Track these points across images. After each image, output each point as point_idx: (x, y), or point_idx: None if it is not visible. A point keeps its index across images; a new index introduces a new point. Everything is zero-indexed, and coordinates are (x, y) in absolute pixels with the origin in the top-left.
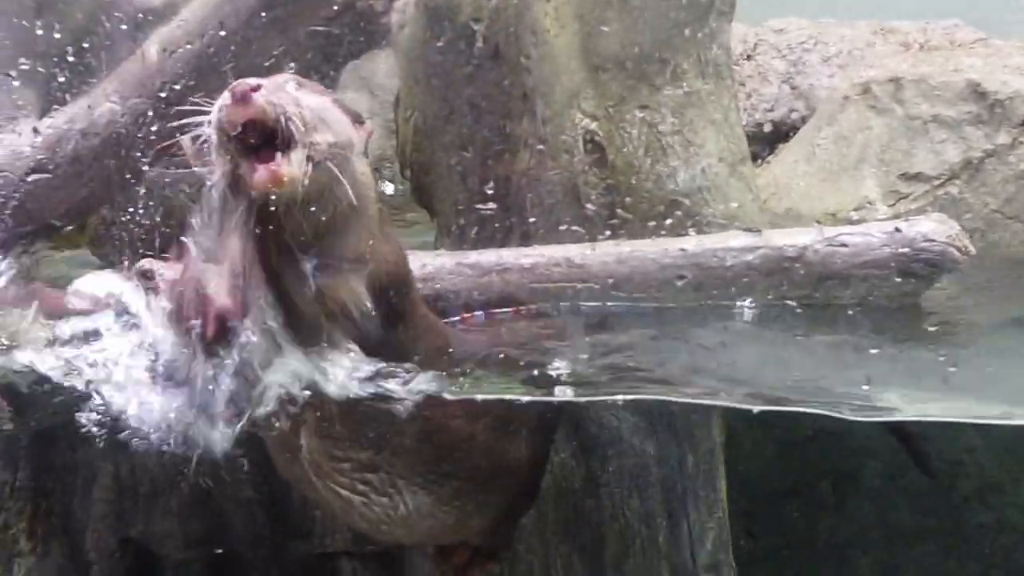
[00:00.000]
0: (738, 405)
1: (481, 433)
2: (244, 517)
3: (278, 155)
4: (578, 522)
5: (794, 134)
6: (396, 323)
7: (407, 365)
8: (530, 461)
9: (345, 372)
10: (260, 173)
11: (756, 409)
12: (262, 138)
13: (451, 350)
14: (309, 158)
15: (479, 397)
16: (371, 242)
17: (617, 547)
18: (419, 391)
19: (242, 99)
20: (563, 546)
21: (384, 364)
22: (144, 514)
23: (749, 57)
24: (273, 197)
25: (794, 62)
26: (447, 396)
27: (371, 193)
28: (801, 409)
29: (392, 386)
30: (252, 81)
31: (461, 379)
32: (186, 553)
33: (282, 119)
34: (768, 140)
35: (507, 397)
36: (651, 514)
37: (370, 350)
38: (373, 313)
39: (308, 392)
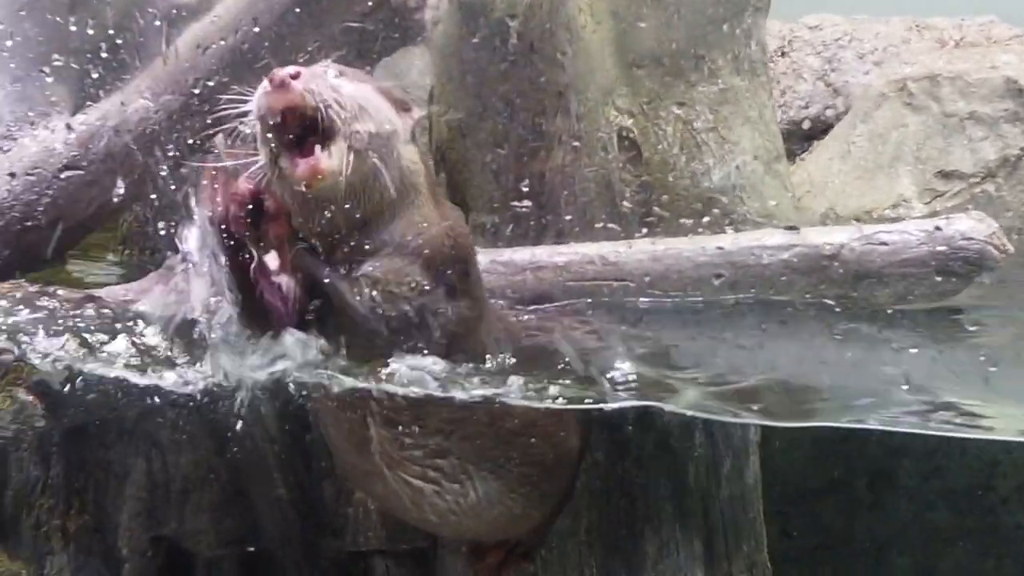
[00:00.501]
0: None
1: (542, 419)
2: (276, 515)
3: (318, 148)
4: (612, 522)
5: (829, 131)
6: (460, 299)
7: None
8: (579, 451)
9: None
10: (301, 168)
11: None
12: (302, 128)
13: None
14: (350, 148)
15: (538, 405)
16: (424, 225)
17: (652, 548)
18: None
19: (280, 86)
20: (597, 547)
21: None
22: (176, 512)
23: (784, 54)
24: (315, 189)
25: (829, 59)
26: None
27: (419, 179)
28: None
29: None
30: (291, 69)
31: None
32: (218, 551)
33: (321, 107)
34: (802, 137)
35: (568, 407)
36: (686, 514)
37: (430, 335)
38: (429, 291)
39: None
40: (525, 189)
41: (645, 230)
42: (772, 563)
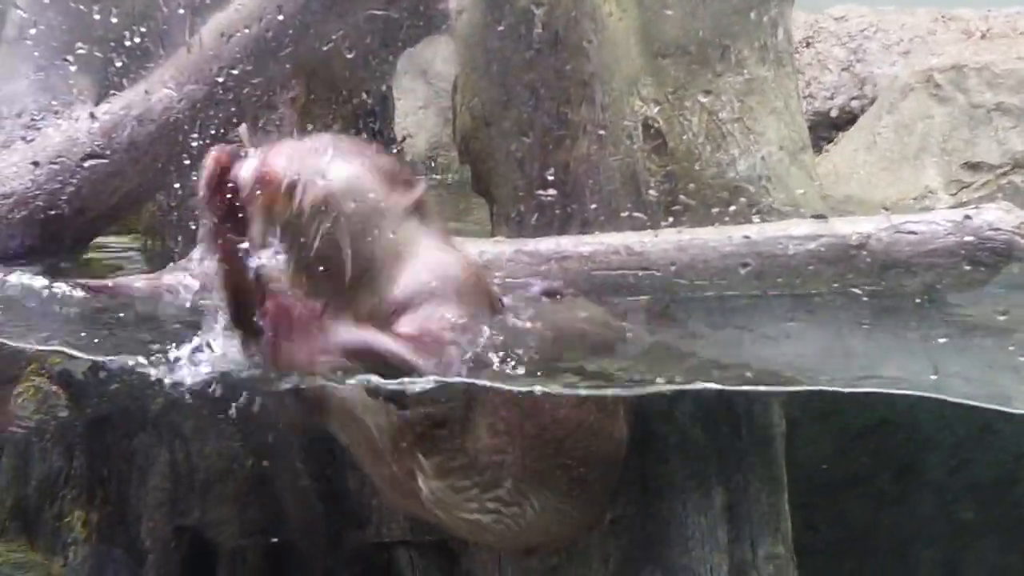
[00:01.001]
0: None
1: (588, 417)
2: (300, 506)
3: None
4: (636, 514)
5: (854, 122)
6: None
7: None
8: (625, 441)
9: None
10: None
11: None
12: None
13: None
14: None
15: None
16: (431, 274)
17: (676, 540)
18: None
19: (261, 164)
20: (621, 539)
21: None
22: (200, 502)
23: (808, 44)
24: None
25: (854, 50)
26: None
27: (419, 240)
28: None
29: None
30: (273, 163)
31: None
32: (242, 542)
33: (298, 196)
34: (827, 128)
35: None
36: (710, 506)
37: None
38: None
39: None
40: (551, 178)
41: (672, 220)
42: (795, 555)
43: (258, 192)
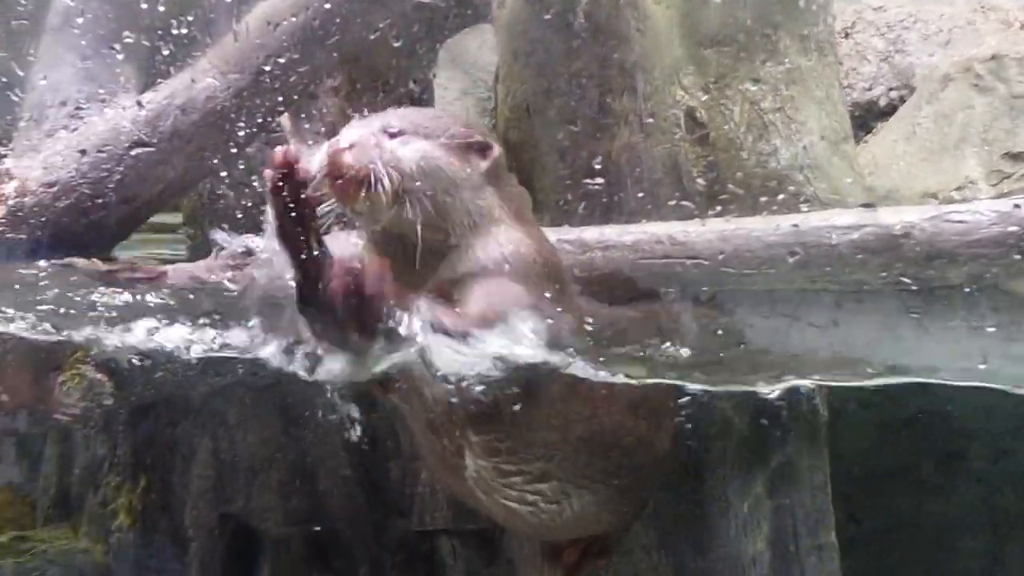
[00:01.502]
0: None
1: (638, 426)
2: (343, 495)
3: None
4: (680, 505)
5: (893, 113)
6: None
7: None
8: (668, 451)
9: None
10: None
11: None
12: None
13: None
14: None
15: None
16: (509, 247)
17: (720, 530)
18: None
19: (332, 159)
20: (663, 528)
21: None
22: (243, 490)
23: (847, 35)
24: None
25: (893, 40)
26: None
27: (495, 214)
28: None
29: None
30: (348, 138)
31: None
32: (285, 530)
33: (372, 176)
34: (866, 119)
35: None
36: (754, 496)
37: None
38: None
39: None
40: (598, 167)
41: (720, 209)
42: (838, 546)
43: (329, 184)
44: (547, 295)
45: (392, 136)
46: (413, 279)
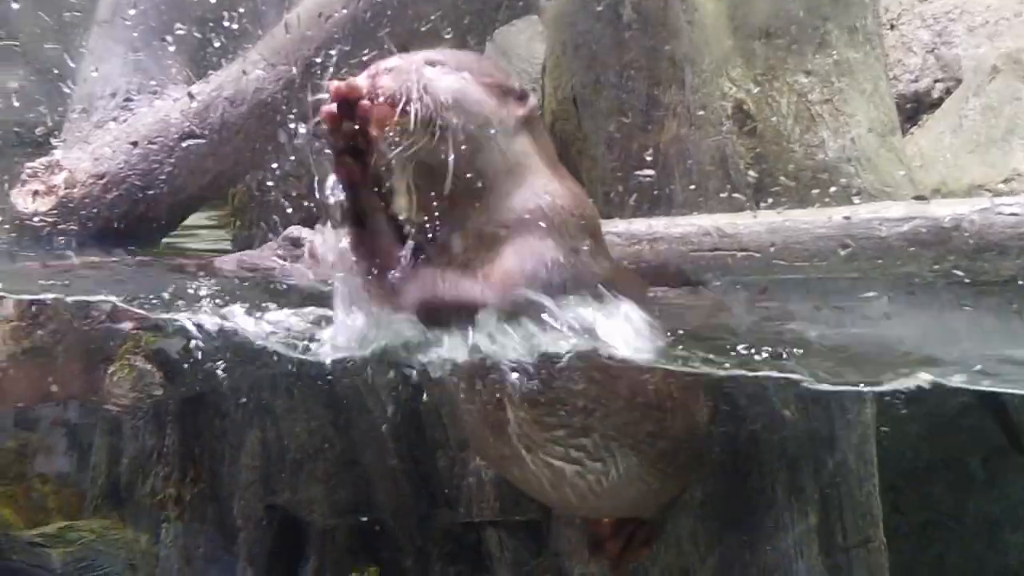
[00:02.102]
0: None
1: (676, 392)
2: (389, 486)
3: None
4: (726, 496)
5: (939, 105)
6: (597, 260)
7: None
8: (707, 424)
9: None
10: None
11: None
12: None
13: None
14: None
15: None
16: (547, 198)
17: (766, 522)
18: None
19: (374, 77)
20: (710, 521)
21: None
22: (290, 481)
23: (893, 27)
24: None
25: (939, 32)
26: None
27: (531, 160)
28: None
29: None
30: (388, 62)
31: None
32: (331, 521)
33: (405, 96)
34: (912, 111)
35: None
36: (801, 489)
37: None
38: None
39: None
40: (649, 158)
41: (772, 201)
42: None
43: (370, 107)
44: (583, 248)
45: (433, 68)
46: (446, 221)
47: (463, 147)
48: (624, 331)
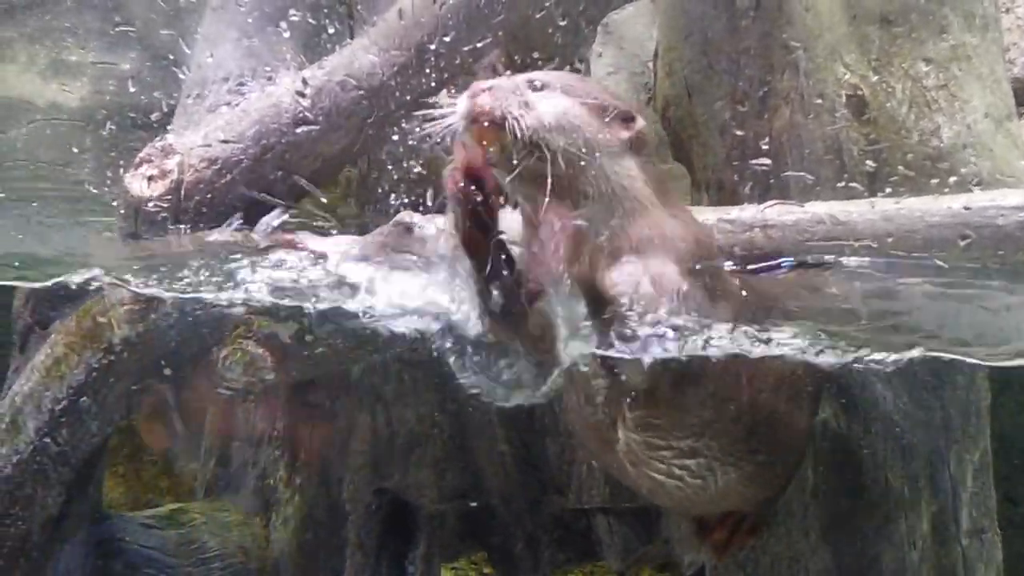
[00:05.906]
0: None
1: (782, 405)
2: (498, 471)
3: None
4: (837, 485)
5: None
6: (717, 301)
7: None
8: (807, 429)
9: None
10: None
11: None
12: None
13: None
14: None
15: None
16: (647, 232)
17: (878, 511)
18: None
19: (474, 97)
20: (821, 510)
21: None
22: (400, 466)
23: (1008, 10)
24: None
25: None
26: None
27: (637, 185)
28: None
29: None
30: (487, 83)
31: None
32: (440, 505)
33: (508, 118)
34: None
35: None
36: (913, 477)
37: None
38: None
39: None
40: (765, 147)
41: (888, 190)
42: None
43: (472, 127)
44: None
45: (535, 90)
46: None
47: (562, 167)
48: None
